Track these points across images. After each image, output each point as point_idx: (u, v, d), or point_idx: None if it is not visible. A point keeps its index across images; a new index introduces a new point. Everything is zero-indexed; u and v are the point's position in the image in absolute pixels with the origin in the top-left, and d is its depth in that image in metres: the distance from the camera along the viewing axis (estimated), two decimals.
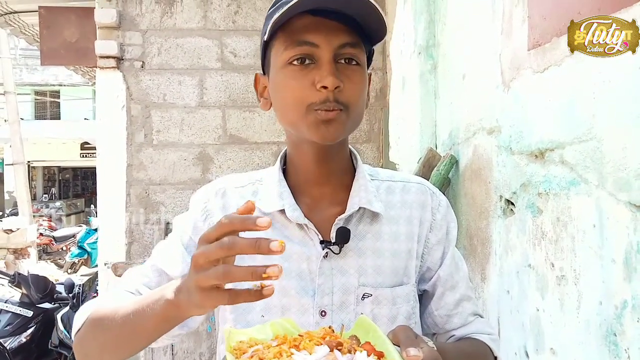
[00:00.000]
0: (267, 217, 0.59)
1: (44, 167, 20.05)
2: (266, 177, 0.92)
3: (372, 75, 0.89)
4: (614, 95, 1.07)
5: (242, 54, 3.60)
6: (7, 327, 4.57)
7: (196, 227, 0.88)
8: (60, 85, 18.82)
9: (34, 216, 12.89)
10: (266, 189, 0.89)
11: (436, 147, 2.34)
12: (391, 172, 0.97)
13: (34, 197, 17.15)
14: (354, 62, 0.81)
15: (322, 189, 0.88)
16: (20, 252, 9.42)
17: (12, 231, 9.41)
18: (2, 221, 10.44)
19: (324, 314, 0.84)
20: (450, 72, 2.19)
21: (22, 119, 13.78)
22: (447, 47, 2.23)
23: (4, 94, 11.91)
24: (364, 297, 0.85)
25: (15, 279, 4.78)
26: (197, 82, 3.59)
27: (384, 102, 3.58)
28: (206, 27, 3.60)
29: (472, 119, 1.93)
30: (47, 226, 12.50)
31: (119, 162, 3.52)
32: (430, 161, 2.19)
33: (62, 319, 4.61)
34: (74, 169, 21.52)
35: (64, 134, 17.38)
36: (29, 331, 4.63)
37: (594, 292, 1.15)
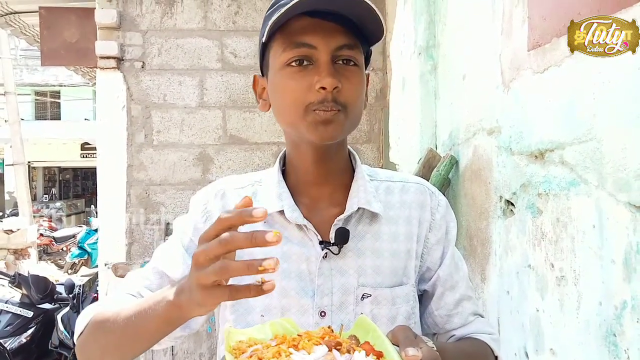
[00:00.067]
0: (262, 207, 0.59)
1: (45, 168, 20.05)
2: (265, 178, 0.92)
3: (370, 75, 0.90)
4: (613, 95, 1.07)
5: (243, 55, 3.60)
6: (8, 327, 4.57)
7: (196, 229, 0.88)
8: (60, 85, 18.82)
9: (34, 217, 12.88)
10: (265, 190, 0.89)
11: (436, 148, 2.34)
12: (390, 173, 0.97)
13: (34, 198, 17.14)
14: (351, 63, 0.81)
15: (321, 189, 0.89)
16: (20, 253, 9.42)
17: (12, 232, 9.41)
18: (2, 222, 10.44)
19: (323, 314, 0.84)
20: (450, 72, 2.19)
21: (22, 120, 13.78)
22: (447, 48, 2.23)
23: (5, 95, 11.90)
24: (364, 297, 0.85)
25: (15, 280, 4.78)
26: (197, 82, 3.59)
27: (384, 102, 3.58)
28: (206, 27, 3.60)
29: (472, 119, 1.93)
30: (47, 227, 12.51)
31: (119, 162, 3.52)
32: (430, 162, 2.19)
33: (62, 320, 4.61)
34: (75, 170, 21.52)
35: (64, 134, 17.38)
36: (29, 332, 4.64)
37: (594, 293, 1.15)
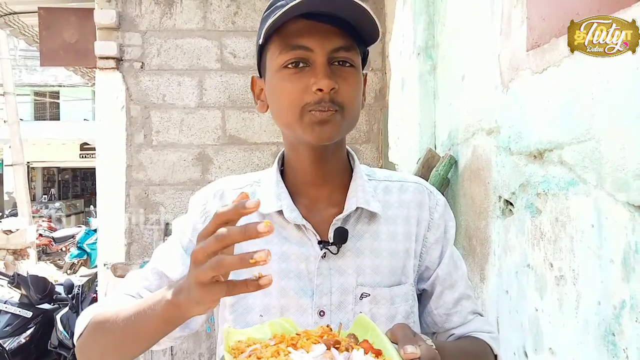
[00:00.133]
0: (255, 199, 0.61)
1: (44, 168, 20.03)
2: (264, 178, 0.92)
3: (369, 75, 0.90)
4: (612, 95, 1.07)
5: (242, 55, 3.60)
6: (7, 327, 4.57)
7: (195, 229, 0.88)
8: (59, 86, 18.81)
9: (34, 217, 12.87)
10: (264, 190, 0.89)
11: (435, 148, 2.34)
12: (388, 172, 0.97)
13: (34, 198, 17.11)
14: (348, 65, 0.81)
15: (320, 189, 0.89)
16: (19, 253, 9.42)
17: (11, 232, 9.40)
18: (1, 222, 10.43)
19: (322, 314, 0.84)
20: (449, 72, 2.19)
21: (21, 120, 13.77)
22: (446, 48, 2.23)
23: (4, 95, 11.89)
24: (362, 296, 0.85)
25: (14, 280, 4.78)
26: (196, 82, 3.59)
27: (384, 102, 3.59)
28: (206, 27, 3.60)
29: (471, 119, 1.93)
30: (46, 227, 12.51)
31: (119, 162, 3.52)
32: (429, 162, 2.19)
33: (61, 320, 4.61)
34: (74, 170, 21.50)
35: (63, 134, 17.36)
36: (29, 332, 4.63)
37: (593, 292, 1.15)
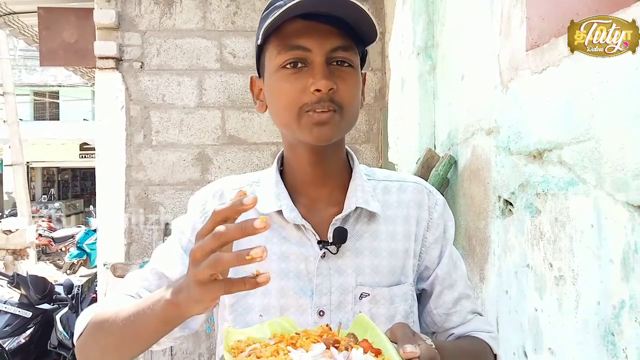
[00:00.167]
0: (252, 195, 0.60)
1: (43, 168, 20.02)
2: (264, 178, 0.92)
3: (369, 75, 0.90)
4: (612, 95, 1.07)
5: (242, 55, 3.60)
6: (6, 328, 4.57)
7: (194, 229, 0.88)
8: (59, 86, 18.81)
9: (33, 217, 12.86)
10: (264, 190, 0.89)
11: (435, 148, 2.34)
12: (388, 172, 0.97)
13: (33, 198, 17.11)
14: (346, 64, 0.81)
15: (319, 189, 0.89)
16: (19, 253, 9.41)
17: (11, 232, 9.40)
18: (1, 222, 10.43)
19: (322, 313, 0.84)
20: (449, 72, 2.19)
21: (21, 120, 13.77)
22: (445, 48, 2.23)
23: (3, 95, 11.89)
24: (362, 296, 0.85)
25: (14, 280, 4.78)
26: (196, 82, 3.59)
27: (383, 102, 3.58)
28: (205, 27, 3.60)
29: (470, 119, 1.93)
30: (46, 227, 12.50)
31: (118, 162, 3.52)
32: (429, 162, 2.19)
33: (61, 320, 4.61)
34: (73, 170, 21.50)
35: (63, 134, 17.36)
36: (28, 332, 4.63)
37: (592, 292, 1.15)
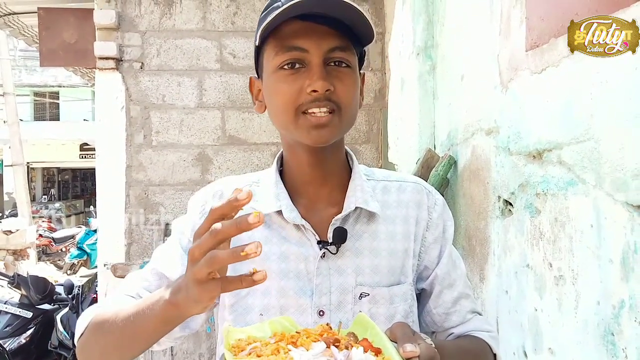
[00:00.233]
0: (247, 188, 0.61)
1: (43, 169, 20.02)
2: (263, 178, 0.92)
3: (368, 75, 0.90)
4: (611, 95, 1.07)
5: (241, 55, 3.60)
6: (7, 328, 4.57)
7: (194, 230, 0.88)
8: (59, 86, 18.82)
9: (34, 217, 12.86)
10: (263, 190, 0.90)
11: (435, 148, 2.34)
12: (387, 172, 0.98)
13: (33, 198, 17.10)
14: (343, 65, 0.81)
15: (319, 189, 0.89)
16: (19, 253, 9.42)
17: (11, 232, 9.41)
18: (1, 222, 10.43)
19: (322, 313, 0.84)
20: (448, 73, 2.19)
21: (21, 120, 13.76)
22: (445, 48, 2.23)
23: (3, 95, 11.89)
24: (362, 296, 0.85)
25: (14, 280, 4.78)
26: (196, 83, 3.59)
27: (383, 103, 3.58)
28: (205, 28, 3.60)
29: (470, 119, 1.93)
30: (46, 227, 12.51)
31: (119, 163, 3.52)
32: (428, 162, 2.19)
33: (61, 320, 4.61)
34: (73, 170, 21.50)
35: (63, 135, 17.37)
36: (29, 332, 4.63)
37: (592, 292, 1.16)
